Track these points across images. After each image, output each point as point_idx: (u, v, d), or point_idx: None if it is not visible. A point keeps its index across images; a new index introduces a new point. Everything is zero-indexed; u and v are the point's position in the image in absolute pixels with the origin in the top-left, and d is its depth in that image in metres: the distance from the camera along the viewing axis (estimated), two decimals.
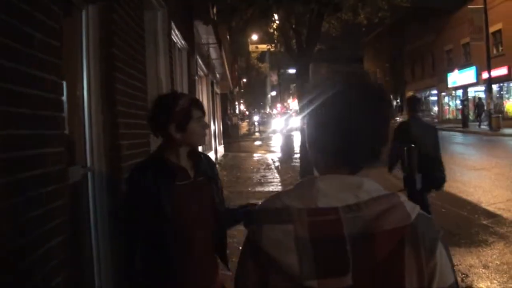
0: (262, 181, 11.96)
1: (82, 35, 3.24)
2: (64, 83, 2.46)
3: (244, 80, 57.23)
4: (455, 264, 5.61)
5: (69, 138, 2.81)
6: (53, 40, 2.24)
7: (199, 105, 2.36)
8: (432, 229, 1.07)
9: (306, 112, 1.20)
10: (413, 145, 5.35)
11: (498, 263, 5.36)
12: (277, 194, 1.15)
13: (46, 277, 2.04)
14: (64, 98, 2.45)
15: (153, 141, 4.55)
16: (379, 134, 1.14)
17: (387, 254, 1.01)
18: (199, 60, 11.59)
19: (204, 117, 2.37)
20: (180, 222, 2.22)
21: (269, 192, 10.26)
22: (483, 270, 5.14)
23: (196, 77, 10.83)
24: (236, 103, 50.41)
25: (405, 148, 5.38)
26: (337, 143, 1.11)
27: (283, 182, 11.75)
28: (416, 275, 1.02)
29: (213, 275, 2.42)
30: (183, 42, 7.98)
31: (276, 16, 11.78)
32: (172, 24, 6.41)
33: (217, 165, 2.51)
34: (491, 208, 8.06)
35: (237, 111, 48.90)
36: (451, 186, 10.06)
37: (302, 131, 11.52)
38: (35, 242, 1.96)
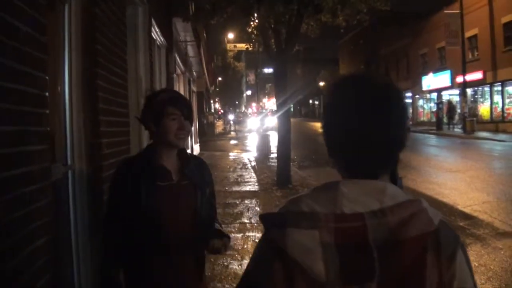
0: (239, 180, 11.93)
1: (65, 29, 3.16)
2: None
3: (220, 78, 57.13)
4: None
5: (50, 135, 2.74)
6: (38, 33, 2.18)
7: (177, 103, 2.28)
8: (452, 235, 1.07)
9: (323, 116, 1.18)
10: None
11: (476, 264, 5.44)
12: (299, 197, 1.10)
13: (32, 278, 1.99)
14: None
15: (133, 140, 4.49)
16: (395, 139, 1.11)
17: (411, 261, 1.00)
18: (177, 58, 11.50)
19: (183, 117, 2.27)
20: (156, 222, 2.20)
21: (246, 191, 10.25)
22: None
23: (175, 75, 10.74)
24: (212, 101, 50.24)
25: None
26: (349, 151, 1.10)
27: (260, 181, 11.74)
28: (436, 282, 1.01)
29: (195, 281, 2.38)
30: (162, 39, 7.90)
31: (255, 15, 11.74)
32: (153, 20, 6.34)
33: None
34: (467, 210, 8.19)
35: (212, 110, 48.71)
36: (427, 188, 10.24)
37: (279, 130, 11.54)
38: (20, 243, 1.90)
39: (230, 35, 36.41)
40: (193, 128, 17.89)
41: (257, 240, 1.05)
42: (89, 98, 3.23)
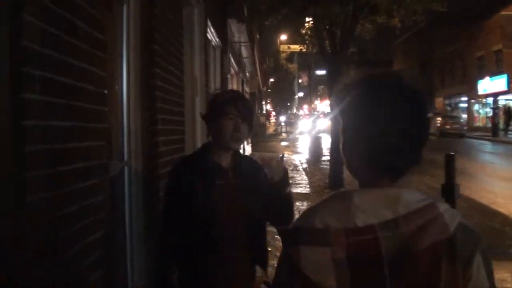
0: (290, 182, 11.87)
1: (123, 29, 3.22)
2: None
3: (272, 79, 57.22)
4: None
5: (108, 132, 2.80)
6: (97, 32, 2.22)
7: (235, 104, 2.23)
8: (471, 239, 1.02)
9: (338, 116, 1.15)
10: (452, 153, 5.19)
11: None
12: (313, 210, 1.09)
13: (84, 272, 2.02)
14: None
15: (188, 138, 4.54)
16: (418, 136, 1.08)
17: (425, 272, 0.98)
18: (231, 58, 11.58)
19: (240, 118, 2.22)
20: (211, 221, 2.18)
21: (297, 194, 10.17)
22: None
23: (229, 75, 10.82)
24: (263, 102, 50.42)
25: (444, 156, 5.21)
26: (374, 149, 1.07)
27: (311, 183, 11.63)
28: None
29: (247, 281, 2.35)
30: (217, 39, 7.97)
31: (309, 17, 11.68)
32: (208, 21, 6.39)
33: None
34: None
35: (264, 111, 48.89)
36: (482, 196, 9.84)
37: (332, 134, 11.40)
38: (76, 236, 1.94)
39: (283, 37, 36.39)
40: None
41: None
42: (147, 96, 3.28)
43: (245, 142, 17.15)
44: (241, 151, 2.60)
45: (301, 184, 11.53)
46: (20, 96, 1.53)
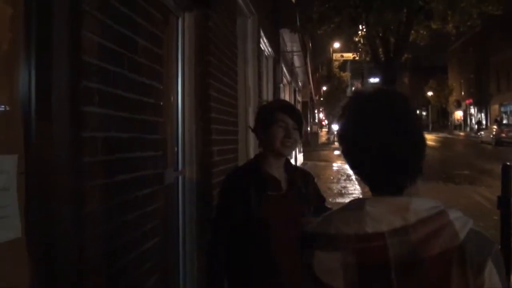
0: (343, 192, 11.74)
1: (178, 41, 3.31)
2: None
3: (324, 88, 56.86)
4: None
5: (164, 142, 2.87)
6: (155, 46, 2.29)
7: (289, 111, 2.27)
8: (482, 246, 1.02)
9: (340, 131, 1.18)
10: (508, 163, 4.97)
11: None
12: (329, 217, 1.15)
13: (141, 278, 2.08)
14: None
15: (241, 148, 4.58)
16: (418, 148, 1.10)
17: (434, 279, 1.00)
18: (284, 68, 11.61)
19: (294, 126, 2.25)
20: (263, 231, 2.18)
21: None
22: None
23: (281, 85, 10.86)
24: (316, 111, 50.18)
25: (501, 166, 5.00)
26: (375, 164, 1.09)
27: (364, 194, 11.45)
28: None
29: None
30: (270, 49, 8.02)
31: (363, 24, 11.56)
32: (261, 31, 6.45)
33: None
34: None
35: (316, 120, 48.63)
36: None
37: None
38: (132, 243, 2.00)
39: (336, 45, 36.15)
40: None
41: None
42: (201, 107, 3.35)
43: (297, 151, 17.10)
44: (293, 160, 2.60)
45: (353, 194, 11.35)
46: (79, 108, 1.60)
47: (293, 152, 14.62)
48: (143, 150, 2.15)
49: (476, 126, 47.87)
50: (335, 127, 46.25)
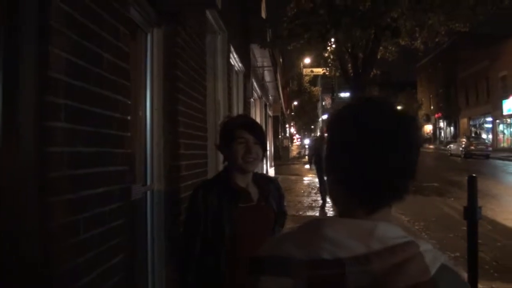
0: (313, 205, 11.80)
1: (147, 57, 3.33)
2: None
3: (295, 103, 57.31)
4: None
5: (131, 157, 2.86)
6: (121, 61, 2.30)
7: (248, 127, 2.32)
8: (456, 284, 0.93)
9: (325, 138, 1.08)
10: (474, 175, 5.11)
11: None
12: (280, 238, 1.02)
13: None
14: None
15: (210, 162, 4.59)
16: (408, 167, 0.98)
17: None
18: (254, 83, 11.70)
19: (255, 141, 2.29)
20: (236, 244, 2.20)
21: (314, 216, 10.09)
22: None
23: (252, 100, 10.92)
24: (287, 125, 50.48)
25: (467, 178, 5.14)
26: (350, 180, 0.98)
27: (334, 207, 11.53)
28: None
29: None
30: (240, 65, 8.08)
31: (332, 40, 11.77)
32: (231, 47, 6.51)
33: None
34: None
35: (287, 134, 48.90)
36: (507, 218, 9.65)
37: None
38: (98, 258, 1.98)
39: (307, 60, 36.58)
40: (268, 152, 18.02)
41: None
42: (170, 122, 3.36)
43: (268, 165, 17.16)
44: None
45: (324, 207, 11.43)
46: (45, 123, 1.60)
47: (264, 166, 14.67)
48: (110, 165, 2.14)
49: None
50: (307, 141, 46.52)
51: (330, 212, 10.75)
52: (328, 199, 10.98)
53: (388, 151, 0.95)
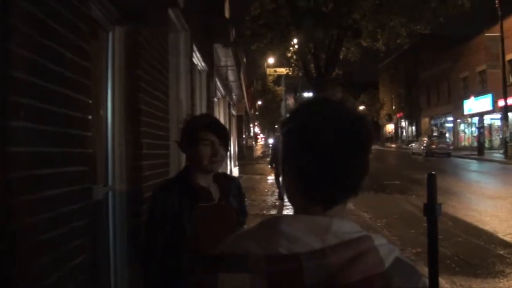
0: (277, 204, 11.89)
1: (108, 56, 3.29)
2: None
3: (260, 102, 57.51)
4: None
5: (92, 157, 2.83)
6: (82, 60, 2.28)
7: (211, 129, 2.31)
8: (409, 277, 0.96)
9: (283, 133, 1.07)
10: (433, 172, 5.27)
11: None
12: (238, 236, 1.03)
13: None
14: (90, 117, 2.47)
15: (173, 162, 4.57)
16: (362, 165, 1.00)
17: None
18: (218, 82, 11.68)
19: (220, 143, 2.31)
20: (197, 243, 2.21)
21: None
22: None
23: (215, 99, 10.91)
24: (251, 125, 50.59)
25: (426, 175, 5.30)
26: (305, 177, 1.00)
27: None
28: None
29: None
30: (203, 64, 8.07)
31: (295, 40, 11.88)
32: (194, 46, 6.49)
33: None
34: (507, 238, 7.89)
35: (251, 133, 49.01)
36: (466, 214, 9.95)
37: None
38: (59, 260, 1.96)
39: (270, 60, 36.77)
40: (232, 151, 17.97)
41: None
42: (131, 121, 3.33)
43: (232, 165, 17.17)
44: (228, 172, 2.68)
45: (287, 206, 11.49)
46: (5, 123, 1.58)
47: (228, 166, 14.67)
48: (70, 165, 2.12)
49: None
50: (271, 140, 46.76)
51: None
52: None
53: (342, 150, 0.97)
